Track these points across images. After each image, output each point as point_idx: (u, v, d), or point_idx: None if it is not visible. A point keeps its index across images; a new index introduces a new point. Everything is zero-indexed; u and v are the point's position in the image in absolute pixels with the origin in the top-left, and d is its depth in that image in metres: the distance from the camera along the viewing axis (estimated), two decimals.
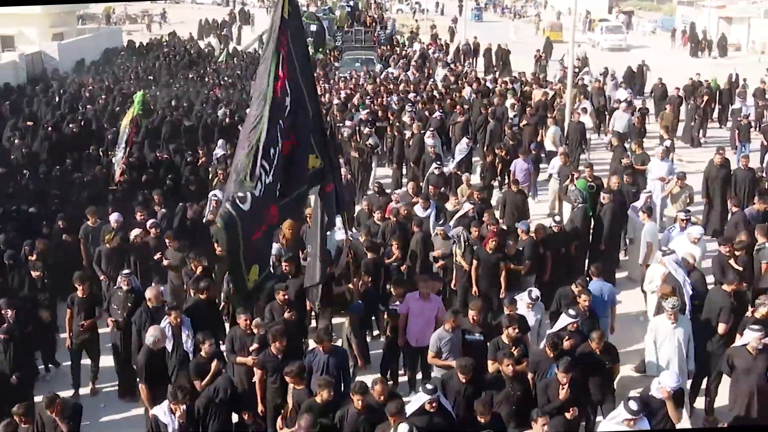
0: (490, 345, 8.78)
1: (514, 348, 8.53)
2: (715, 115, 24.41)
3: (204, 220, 12.90)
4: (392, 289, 10.19)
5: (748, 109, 21.60)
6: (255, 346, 8.80)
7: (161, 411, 7.89)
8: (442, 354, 8.92)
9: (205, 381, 8.38)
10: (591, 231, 12.89)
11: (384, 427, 7.31)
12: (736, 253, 10.64)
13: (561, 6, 56.53)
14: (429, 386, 7.54)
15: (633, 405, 7.22)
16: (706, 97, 22.83)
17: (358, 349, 9.90)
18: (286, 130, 8.34)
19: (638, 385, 9.41)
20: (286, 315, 9.52)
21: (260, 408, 8.60)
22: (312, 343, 9.48)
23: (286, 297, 9.67)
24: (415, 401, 7.56)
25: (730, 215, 13.33)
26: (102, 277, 11.66)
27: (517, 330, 8.71)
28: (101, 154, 17.65)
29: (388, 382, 9.07)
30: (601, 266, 10.80)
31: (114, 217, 12.34)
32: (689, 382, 9.37)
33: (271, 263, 10.53)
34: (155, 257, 11.66)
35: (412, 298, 9.76)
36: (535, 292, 9.89)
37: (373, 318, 11.19)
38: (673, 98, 23.07)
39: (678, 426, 7.88)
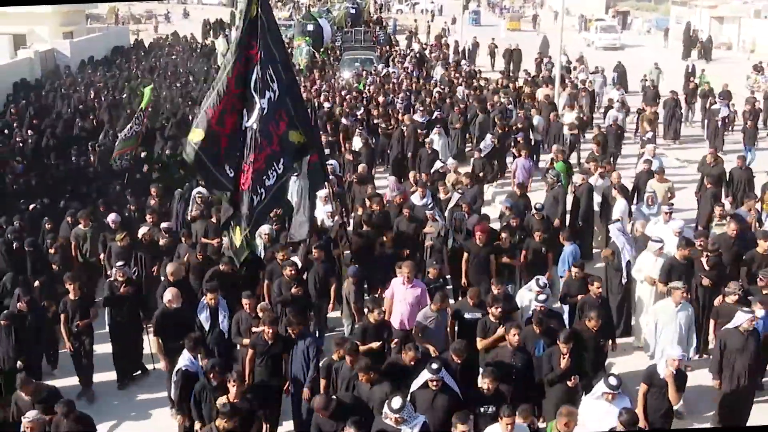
0: (478, 324, 9.26)
1: (501, 325, 8.94)
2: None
3: (189, 217, 13.32)
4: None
5: (726, 109, 21.37)
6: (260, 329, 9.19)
7: (186, 362, 8.54)
8: (427, 331, 9.44)
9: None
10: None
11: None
12: (708, 253, 10.83)
13: (559, 6, 57.11)
14: (434, 365, 7.80)
15: (613, 380, 7.56)
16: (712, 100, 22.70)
17: (356, 307, 10.78)
18: (272, 112, 9.99)
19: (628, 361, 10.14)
20: (294, 290, 10.12)
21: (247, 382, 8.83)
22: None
23: (293, 272, 10.28)
24: (421, 378, 7.88)
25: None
26: (108, 273, 11.75)
27: (500, 308, 9.09)
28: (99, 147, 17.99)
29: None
30: (569, 232, 12.04)
31: (112, 217, 12.47)
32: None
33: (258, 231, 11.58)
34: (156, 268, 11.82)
35: (396, 283, 10.10)
36: (543, 280, 9.98)
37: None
38: (669, 101, 22.72)
39: (675, 407, 8.31)
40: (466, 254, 11.51)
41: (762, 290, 9.79)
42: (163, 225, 12.54)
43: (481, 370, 8.19)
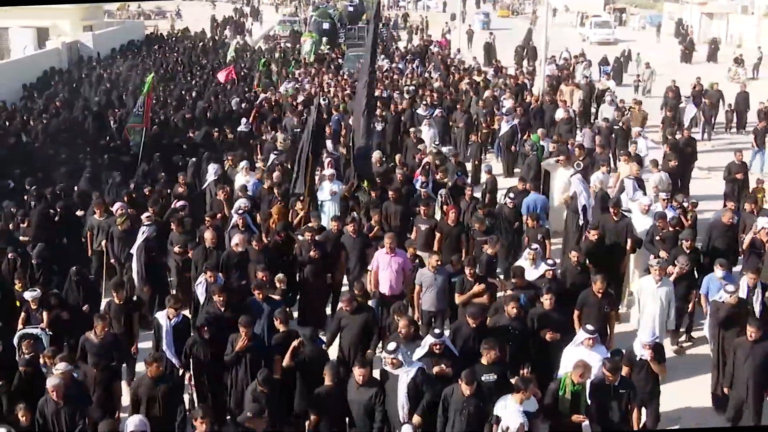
0: (457, 282, 9.90)
1: (477, 284, 9.56)
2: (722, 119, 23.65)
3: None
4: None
5: (693, 108, 21.54)
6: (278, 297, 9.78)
7: (161, 315, 9.11)
8: (423, 288, 10.03)
9: None
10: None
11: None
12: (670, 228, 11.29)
13: (557, 3, 58.57)
14: (437, 330, 8.30)
15: (589, 326, 8.15)
16: (710, 101, 22.66)
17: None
18: None
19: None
20: (312, 253, 10.81)
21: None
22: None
23: (312, 236, 10.96)
24: (425, 344, 8.18)
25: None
26: (111, 260, 11.90)
27: (473, 270, 9.75)
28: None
29: None
30: (533, 183, 13.66)
31: (117, 206, 12.40)
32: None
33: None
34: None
35: (380, 254, 10.48)
36: (534, 245, 10.46)
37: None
38: (671, 100, 22.62)
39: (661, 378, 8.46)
40: (438, 234, 11.83)
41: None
42: (179, 204, 12.83)
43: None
